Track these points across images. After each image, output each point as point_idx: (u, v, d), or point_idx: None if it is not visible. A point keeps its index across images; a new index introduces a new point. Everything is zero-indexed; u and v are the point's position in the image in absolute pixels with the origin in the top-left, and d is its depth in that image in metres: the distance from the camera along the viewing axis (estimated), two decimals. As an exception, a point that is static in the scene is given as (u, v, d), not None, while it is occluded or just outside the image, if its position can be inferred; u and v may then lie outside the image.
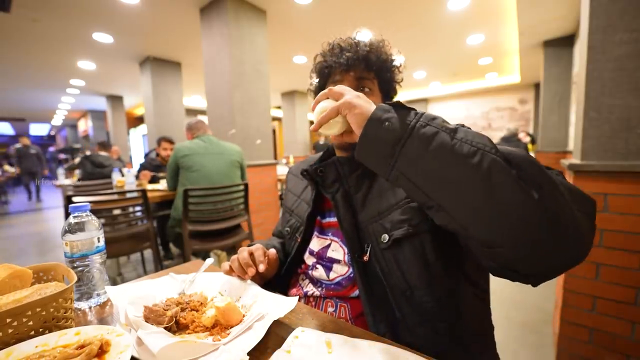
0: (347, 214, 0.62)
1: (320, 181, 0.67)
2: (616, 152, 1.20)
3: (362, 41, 0.69)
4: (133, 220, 2.24)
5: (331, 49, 0.70)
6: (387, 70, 0.70)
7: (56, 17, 3.32)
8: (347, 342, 0.43)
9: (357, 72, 0.67)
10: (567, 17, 3.49)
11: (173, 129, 4.81)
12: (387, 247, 0.57)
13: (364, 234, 0.60)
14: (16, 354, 0.39)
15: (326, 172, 0.66)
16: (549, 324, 1.70)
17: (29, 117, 11.57)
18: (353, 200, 0.64)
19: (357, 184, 0.64)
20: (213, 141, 2.24)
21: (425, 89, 8.16)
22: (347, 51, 0.67)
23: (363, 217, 0.61)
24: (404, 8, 3.40)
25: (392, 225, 0.57)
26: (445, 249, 0.55)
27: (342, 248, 0.66)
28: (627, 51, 1.17)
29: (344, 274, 0.64)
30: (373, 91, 0.69)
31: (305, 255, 0.72)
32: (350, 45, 0.68)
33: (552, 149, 4.32)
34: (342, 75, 0.68)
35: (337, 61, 0.68)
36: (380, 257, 0.58)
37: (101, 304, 0.61)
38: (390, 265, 0.57)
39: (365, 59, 0.67)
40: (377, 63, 0.68)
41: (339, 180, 0.65)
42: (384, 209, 0.59)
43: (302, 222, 0.74)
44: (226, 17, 2.94)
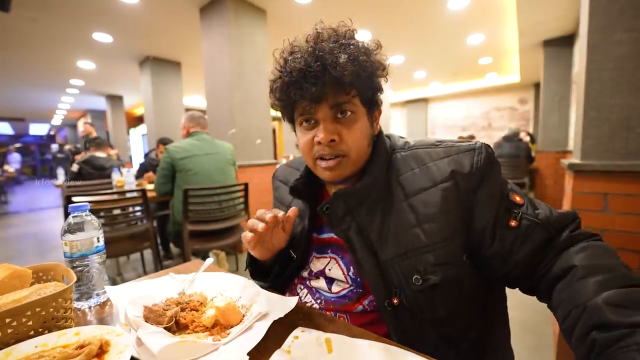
0: (366, 254, 0.55)
1: (328, 218, 0.59)
2: (616, 151, 1.20)
3: (333, 58, 0.51)
4: (133, 220, 2.23)
5: (289, 73, 0.53)
6: (371, 82, 0.57)
7: (56, 16, 3.32)
8: (347, 342, 0.43)
9: (331, 100, 0.53)
10: (566, 17, 3.49)
11: (173, 129, 4.81)
12: (421, 289, 0.53)
13: (389, 274, 0.54)
14: (16, 354, 0.39)
15: (333, 206, 0.58)
16: (549, 324, 1.70)
17: (28, 117, 11.56)
18: (369, 236, 0.56)
19: (368, 216, 0.57)
20: (207, 140, 2.19)
21: (425, 88, 8.16)
22: (313, 81, 0.51)
23: (385, 255, 0.55)
24: (404, 7, 3.40)
25: (426, 268, 0.53)
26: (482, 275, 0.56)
27: (341, 267, 0.62)
28: (626, 51, 1.17)
29: (347, 288, 0.61)
30: (356, 112, 0.56)
31: (304, 274, 0.67)
32: (317, 69, 0.51)
33: (552, 148, 4.32)
34: (312, 108, 0.54)
35: (300, 94, 0.53)
36: (412, 298, 0.53)
37: (101, 304, 0.60)
38: (425, 304, 0.53)
39: (341, 84, 0.52)
40: (357, 82, 0.53)
41: (349, 214, 0.58)
42: (411, 247, 0.54)
43: (298, 239, 0.67)
44: (226, 17, 2.94)
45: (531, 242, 0.51)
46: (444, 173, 0.55)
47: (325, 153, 0.56)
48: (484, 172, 0.54)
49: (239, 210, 2.27)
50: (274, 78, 0.57)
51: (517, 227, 0.52)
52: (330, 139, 0.54)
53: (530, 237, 0.51)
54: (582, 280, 0.43)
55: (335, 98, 0.54)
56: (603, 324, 0.37)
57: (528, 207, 0.54)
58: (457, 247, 0.54)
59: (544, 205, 0.55)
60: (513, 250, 0.52)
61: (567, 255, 0.48)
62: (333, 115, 0.55)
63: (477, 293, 0.56)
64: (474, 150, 0.56)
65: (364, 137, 0.57)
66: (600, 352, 0.36)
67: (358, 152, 0.57)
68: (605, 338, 0.36)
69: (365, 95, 0.57)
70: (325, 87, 0.51)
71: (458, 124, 8.79)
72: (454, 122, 8.86)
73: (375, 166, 0.59)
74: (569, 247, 0.50)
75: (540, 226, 0.51)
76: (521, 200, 0.55)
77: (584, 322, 0.39)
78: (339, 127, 0.55)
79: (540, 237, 0.51)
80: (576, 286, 0.43)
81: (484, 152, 0.55)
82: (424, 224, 0.54)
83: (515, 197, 0.55)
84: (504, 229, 0.53)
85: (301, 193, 0.66)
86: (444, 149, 0.59)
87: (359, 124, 0.56)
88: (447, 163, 0.56)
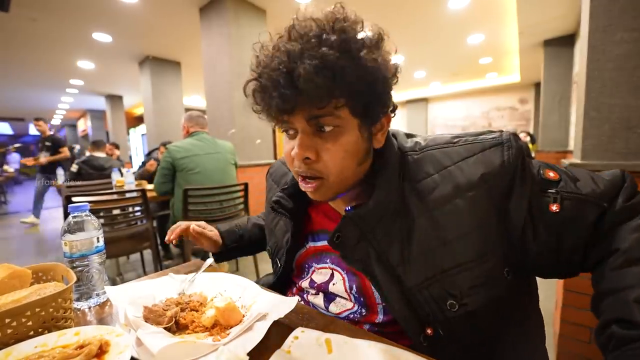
0: (391, 284, 0.47)
1: (341, 249, 0.50)
2: (616, 151, 1.20)
3: (301, 66, 0.40)
4: (133, 220, 2.23)
5: (259, 76, 0.45)
6: (368, 89, 0.44)
7: (55, 16, 3.32)
8: (347, 342, 0.43)
9: (306, 112, 0.44)
10: (567, 17, 3.49)
11: (173, 129, 4.81)
12: (457, 315, 0.45)
13: (418, 302, 0.47)
14: (15, 354, 0.38)
15: (344, 234, 0.49)
16: (549, 324, 1.70)
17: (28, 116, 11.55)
18: (389, 260, 0.48)
19: (386, 238, 0.49)
20: (208, 140, 2.19)
21: (425, 88, 8.15)
22: (281, 92, 0.42)
23: (412, 282, 0.47)
24: (404, 7, 3.40)
25: (462, 292, 0.45)
26: (520, 282, 0.50)
27: (345, 283, 0.56)
28: (627, 50, 1.17)
29: (351, 309, 0.55)
30: (341, 125, 0.45)
31: (304, 284, 0.62)
32: (283, 77, 0.42)
33: (552, 148, 4.32)
34: (286, 119, 0.46)
35: (270, 104, 0.44)
36: (448, 327, 0.46)
37: (100, 304, 0.60)
38: (463, 331, 0.47)
39: (310, 96, 0.42)
40: (339, 88, 0.42)
41: (364, 239, 0.49)
42: (440, 269, 0.46)
43: (282, 248, 0.63)
44: (226, 17, 2.93)
45: (584, 223, 0.44)
46: (472, 177, 0.46)
47: (301, 171, 0.48)
48: (516, 169, 0.46)
49: (239, 210, 2.27)
50: (249, 79, 0.48)
51: (560, 210, 0.44)
52: (304, 156, 0.46)
53: (580, 217, 0.44)
54: (626, 268, 0.38)
55: (310, 110, 0.44)
56: (628, 321, 0.35)
57: (567, 182, 0.46)
58: (496, 263, 0.46)
59: (584, 173, 0.47)
60: (564, 236, 0.44)
61: (622, 232, 0.42)
62: (312, 128, 0.46)
63: (519, 308, 0.50)
64: (502, 144, 0.47)
65: (349, 155, 0.47)
66: (616, 346, 0.35)
67: (339, 174, 0.47)
68: (624, 335, 0.34)
69: (357, 105, 0.45)
70: (296, 97, 0.42)
71: (458, 123, 8.80)
72: (454, 122, 8.86)
73: (387, 177, 0.50)
74: (625, 221, 0.43)
75: (589, 202, 0.44)
76: (556, 176, 0.47)
77: (609, 312, 0.37)
78: (319, 143, 0.46)
79: (593, 215, 0.44)
80: (618, 273, 0.39)
81: (514, 146, 0.47)
82: (452, 240, 0.46)
83: (548, 173, 0.47)
84: (545, 216, 0.45)
85: (284, 207, 0.59)
86: (464, 146, 0.49)
87: (344, 140, 0.46)
88: (472, 165, 0.47)
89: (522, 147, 0.48)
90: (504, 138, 0.48)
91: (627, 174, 0.47)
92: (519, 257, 0.47)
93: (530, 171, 0.47)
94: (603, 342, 0.37)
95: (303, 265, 0.64)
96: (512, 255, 0.47)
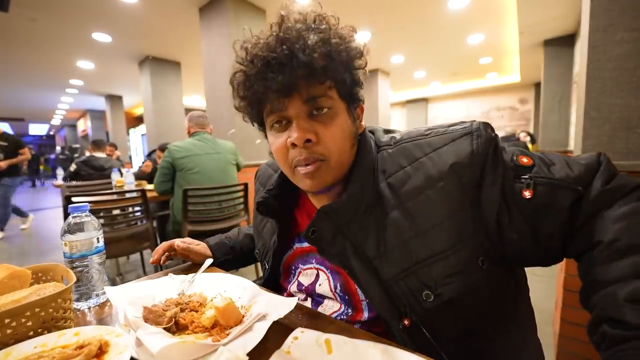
0: (368, 276, 0.48)
1: (317, 244, 0.50)
2: (616, 151, 1.20)
3: (301, 41, 0.44)
4: (132, 221, 2.23)
5: (250, 62, 0.46)
6: (349, 72, 0.48)
7: (55, 16, 3.32)
8: (347, 342, 0.42)
9: (304, 92, 0.46)
10: (567, 16, 3.49)
11: (173, 129, 4.81)
12: (433, 306, 0.46)
13: (395, 293, 0.47)
14: (15, 354, 0.38)
15: (319, 228, 0.50)
16: (549, 324, 1.69)
17: (28, 117, 11.57)
18: (365, 252, 0.49)
19: (361, 231, 0.49)
20: (209, 140, 2.18)
21: (425, 88, 8.16)
22: (279, 69, 0.44)
23: (388, 273, 0.47)
24: (405, 7, 3.40)
25: (436, 282, 0.45)
26: (499, 273, 0.48)
27: (329, 283, 0.56)
28: (627, 50, 1.17)
29: (338, 311, 0.55)
30: (334, 107, 0.48)
31: (292, 289, 0.62)
32: (282, 55, 0.44)
33: (552, 148, 4.32)
34: (282, 103, 0.46)
35: (265, 87, 0.45)
36: (424, 317, 0.46)
37: (100, 304, 0.60)
38: (440, 321, 0.47)
39: (312, 69, 0.44)
40: (332, 69, 0.45)
41: (339, 233, 0.50)
42: (415, 260, 0.46)
43: (270, 250, 0.63)
44: (226, 17, 2.93)
45: (558, 209, 0.43)
46: (442, 167, 0.47)
47: (302, 157, 0.48)
48: (486, 157, 0.46)
49: (239, 211, 2.28)
50: (234, 72, 0.49)
51: (533, 196, 0.43)
52: (306, 138, 0.46)
53: (554, 203, 0.43)
54: (613, 261, 0.38)
55: (308, 90, 0.46)
56: (618, 321, 0.35)
57: (541, 167, 0.45)
58: (470, 252, 0.46)
59: (559, 158, 0.47)
60: (540, 223, 0.44)
61: (605, 221, 0.40)
62: (308, 111, 0.47)
63: (499, 300, 0.49)
64: (471, 133, 0.47)
65: (346, 136, 0.49)
66: (609, 346, 0.35)
67: (339, 155, 0.49)
68: (615, 335, 0.34)
69: (343, 86, 0.48)
70: (294, 75, 0.44)
71: (458, 123, 8.79)
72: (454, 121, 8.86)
73: (361, 171, 0.51)
74: (604, 208, 0.41)
75: (562, 187, 0.43)
76: (529, 161, 0.46)
77: (600, 310, 0.37)
78: (316, 125, 0.47)
79: (567, 200, 0.43)
80: (604, 267, 0.38)
81: (483, 135, 0.47)
82: (426, 231, 0.46)
83: (521, 159, 0.46)
84: (519, 202, 0.44)
85: (270, 208, 0.60)
86: (435, 138, 0.50)
87: (338, 121, 0.48)
88: (443, 154, 0.48)
89: (491, 136, 0.48)
90: (474, 127, 0.48)
91: (604, 156, 0.45)
92: (498, 247, 0.47)
93: (502, 158, 0.47)
94: (596, 340, 0.37)
95: (290, 268, 0.64)
96: (489, 244, 0.46)
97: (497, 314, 0.49)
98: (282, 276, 0.66)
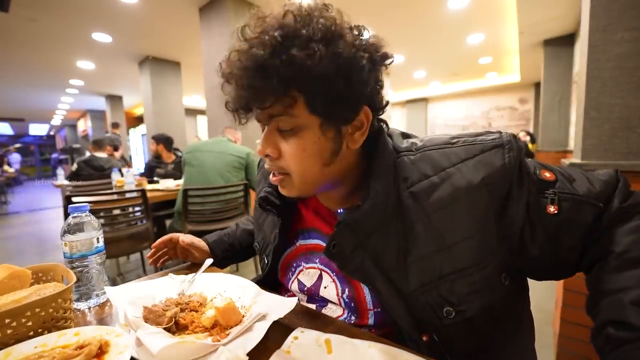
0: (390, 291, 0.46)
1: (337, 259, 0.47)
2: (616, 151, 1.20)
3: (249, 53, 0.40)
4: (132, 221, 2.23)
5: (222, 74, 0.46)
6: (333, 83, 0.41)
7: (55, 17, 3.32)
8: (346, 342, 0.42)
9: (262, 109, 0.44)
10: (567, 16, 3.49)
11: (173, 129, 4.81)
12: (454, 322, 0.44)
13: (413, 308, 0.45)
14: (15, 354, 0.38)
15: (339, 242, 0.46)
16: (549, 324, 1.69)
17: (28, 117, 11.57)
18: (384, 263, 0.47)
19: (381, 242, 0.47)
20: (220, 141, 2.25)
21: (425, 88, 8.16)
22: (234, 85, 0.43)
23: (407, 288, 0.45)
24: (404, 7, 3.39)
25: (459, 299, 0.44)
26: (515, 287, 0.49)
27: (335, 282, 0.54)
28: (627, 50, 1.17)
29: (342, 316, 0.54)
30: (297, 125, 0.43)
31: (293, 287, 0.61)
32: (230, 69, 0.43)
33: (552, 148, 4.32)
34: (244, 117, 0.47)
35: (231, 94, 0.44)
36: (444, 333, 0.45)
37: (100, 304, 0.60)
38: (458, 337, 0.46)
39: (258, 89, 0.41)
40: (298, 80, 0.40)
41: (360, 246, 0.47)
42: (437, 275, 0.44)
43: (270, 245, 0.62)
44: (226, 17, 2.93)
45: (582, 224, 0.43)
46: (472, 180, 0.45)
47: (267, 166, 0.49)
48: (516, 172, 0.45)
49: (240, 211, 2.28)
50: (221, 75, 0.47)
51: (559, 212, 0.43)
52: (264, 153, 0.47)
53: (578, 219, 0.43)
54: (621, 271, 0.38)
55: (264, 107, 0.43)
56: (623, 323, 0.35)
57: (564, 182, 0.45)
58: (494, 268, 0.45)
59: (579, 173, 0.47)
60: (562, 238, 0.44)
61: (617, 234, 0.41)
62: (273, 126, 0.46)
63: (513, 313, 0.50)
64: (503, 146, 0.45)
65: (309, 156, 0.45)
66: (613, 348, 0.35)
67: (303, 173, 0.46)
68: (620, 337, 0.34)
69: (315, 102, 0.42)
70: (247, 93, 0.42)
71: (458, 123, 8.80)
72: (454, 121, 8.87)
73: (381, 179, 0.47)
74: (620, 223, 0.42)
75: (586, 203, 0.43)
76: (552, 176, 0.46)
77: (604, 314, 0.37)
78: (280, 140, 0.46)
79: (590, 215, 0.43)
80: (612, 276, 0.39)
81: (515, 148, 0.45)
82: (451, 245, 0.44)
83: (544, 173, 0.46)
84: (543, 218, 0.44)
85: (272, 203, 0.58)
86: (463, 147, 0.47)
87: (300, 140, 0.44)
88: (472, 167, 0.45)
89: (522, 148, 0.47)
90: (505, 140, 0.46)
91: (621, 174, 0.46)
92: (517, 261, 0.47)
93: (527, 172, 0.46)
94: (600, 344, 0.37)
95: (290, 265, 0.62)
96: (510, 258, 0.46)
97: (505, 327, 0.49)
98: (280, 273, 0.64)
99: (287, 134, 0.45)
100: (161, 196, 2.42)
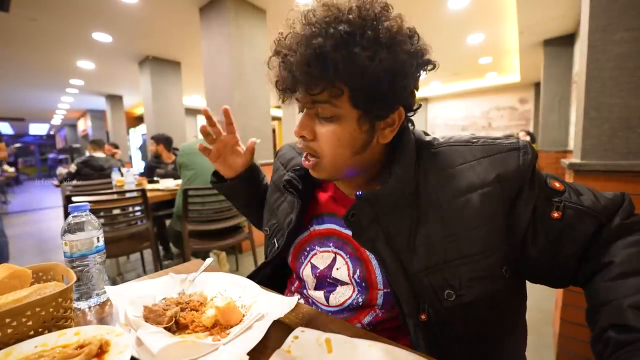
0: (396, 267, 0.49)
1: (353, 227, 0.51)
2: (616, 151, 1.20)
3: (302, 47, 0.43)
4: (133, 220, 2.23)
5: (274, 52, 0.49)
6: (372, 79, 0.43)
7: (55, 16, 3.32)
8: (347, 342, 0.43)
9: (307, 94, 0.47)
10: (567, 16, 3.49)
11: (173, 129, 4.81)
12: (452, 305, 0.47)
13: (417, 288, 0.48)
14: (15, 354, 0.38)
15: (358, 212, 0.50)
16: (549, 324, 1.70)
17: (28, 116, 11.57)
18: (396, 245, 0.50)
19: (396, 224, 0.50)
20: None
21: (425, 88, 8.16)
22: (285, 67, 0.46)
23: (413, 268, 0.48)
24: (404, 7, 3.37)
25: (461, 283, 0.47)
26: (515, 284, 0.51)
27: (347, 264, 0.56)
28: (627, 50, 1.17)
29: (350, 298, 0.55)
30: (336, 115, 0.47)
31: (305, 272, 0.62)
32: (291, 55, 0.45)
33: (552, 148, 4.32)
34: (289, 97, 0.50)
35: (276, 80, 0.49)
36: (442, 315, 0.48)
37: (101, 303, 0.60)
38: (456, 321, 0.48)
39: (310, 77, 0.44)
40: (345, 74, 0.43)
41: (376, 222, 0.50)
42: (444, 259, 0.47)
43: (283, 230, 0.64)
44: (226, 17, 2.93)
45: (582, 233, 0.46)
46: (487, 176, 0.48)
47: (301, 147, 0.53)
48: (528, 174, 0.48)
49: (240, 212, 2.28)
50: (271, 54, 0.50)
51: (562, 218, 0.46)
52: (300, 134, 0.50)
53: (579, 227, 0.46)
54: (620, 280, 0.40)
55: (310, 93, 0.46)
56: (622, 325, 0.35)
57: (571, 193, 0.48)
58: (497, 259, 0.48)
59: (587, 190, 0.49)
60: (562, 244, 0.46)
61: (615, 248, 0.43)
62: (313, 110, 0.49)
63: (511, 308, 0.52)
64: (519, 149, 0.49)
65: (343, 144, 0.49)
66: (613, 351, 0.35)
67: (333, 158, 0.50)
68: (620, 339, 0.35)
69: (359, 97, 0.45)
70: (293, 82, 0.46)
71: (458, 123, 8.79)
72: (454, 121, 8.86)
73: (404, 166, 0.51)
74: (620, 238, 0.44)
75: (589, 214, 0.46)
76: (561, 187, 0.49)
77: (604, 320, 0.38)
78: (317, 123, 0.49)
79: (591, 227, 0.45)
80: (612, 284, 0.40)
81: (530, 153, 0.49)
82: (460, 233, 0.47)
83: (554, 183, 0.49)
84: (547, 222, 0.47)
85: (295, 187, 0.60)
86: (482, 147, 0.51)
87: (338, 129, 0.48)
88: (488, 164, 0.49)
89: (537, 154, 0.50)
90: (521, 144, 0.50)
91: (627, 195, 0.49)
92: (516, 259, 0.49)
93: (538, 177, 0.49)
94: (599, 349, 0.38)
95: (303, 249, 0.63)
96: (512, 256, 0.49)
97: (502, 324, 0.52)
98: (291, 257, 0.65)
99: (326, 120, 0.48)
100: (161, 196, 2.42)
